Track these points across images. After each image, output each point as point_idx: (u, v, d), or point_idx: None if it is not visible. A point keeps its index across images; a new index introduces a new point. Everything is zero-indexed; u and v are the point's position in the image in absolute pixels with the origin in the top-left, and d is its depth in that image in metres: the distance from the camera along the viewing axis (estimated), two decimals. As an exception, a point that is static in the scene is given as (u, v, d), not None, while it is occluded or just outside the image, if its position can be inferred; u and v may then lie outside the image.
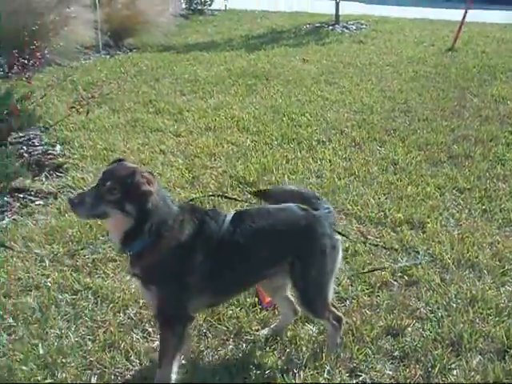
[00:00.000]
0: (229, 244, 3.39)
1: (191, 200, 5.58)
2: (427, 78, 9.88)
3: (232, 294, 3.81)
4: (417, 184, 6.04)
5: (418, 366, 3.60)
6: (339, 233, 3.95)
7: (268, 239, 3.48)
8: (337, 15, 14.95)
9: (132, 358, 3.67)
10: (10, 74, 8.08)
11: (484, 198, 5.79)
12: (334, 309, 3.74)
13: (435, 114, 8.10)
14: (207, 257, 3.34)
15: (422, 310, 4.15)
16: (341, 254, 3.71)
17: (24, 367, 3.55)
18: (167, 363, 3.41)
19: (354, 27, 14.81)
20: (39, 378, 3.49)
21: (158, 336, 3.53)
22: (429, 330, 3.94)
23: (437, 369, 3.55)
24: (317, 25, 15.02)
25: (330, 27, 14.69)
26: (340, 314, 3.74)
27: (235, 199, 5.60)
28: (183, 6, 16.84)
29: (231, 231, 3.40)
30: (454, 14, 14.57)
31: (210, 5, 17.13)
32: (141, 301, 4.22)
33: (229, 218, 3.46)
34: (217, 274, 3.39)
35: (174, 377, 3.43)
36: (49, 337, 3.85)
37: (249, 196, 5.74)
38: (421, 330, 3.95)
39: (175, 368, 3.43)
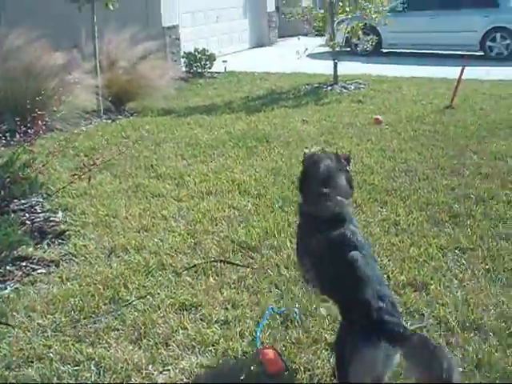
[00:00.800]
0: None
1: (193, 266, 5.61)
2: (426, 137, 9.93)
3: None
4: (419, 245, 6.03)
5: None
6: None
7: None
8: (335, 75, 15.09)
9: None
10: (12, 142, 8.14)
11: (487, 258, 5.77)
12: None
13: (435, 172, 8.12)
14: None
15: (428, 375, 4.11)
16: None
17: None
18: None
19: (353, 87, 14.93)
20: None
21: None
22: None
23: None
24: (315, 85, 15.16)
25: (329, 87, 14.80)
26: None
27: (237, 264, 5.63)
28: (183, 69, 17.02)
29: None
30: (451, 72, 14.72)
31: (209, 67, 17.30)
32: (144, 371, 4.20)
33: None
34: None
35: None
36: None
37: (251, 261, 5.75)
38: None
39: None
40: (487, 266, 5.62)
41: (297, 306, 4.96)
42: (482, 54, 19.98)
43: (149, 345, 4.55)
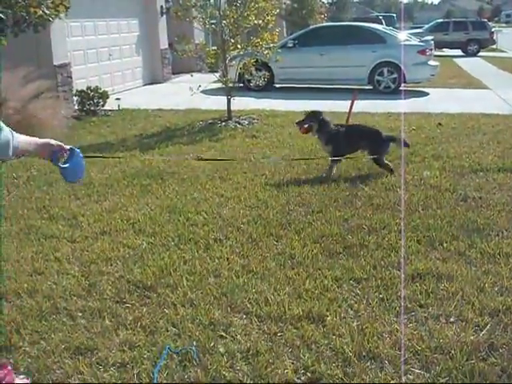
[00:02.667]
0: None
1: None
2: (320, 170, 10.11)
3: None
4: (314, 277, 6.09)
5: None
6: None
7: None
8: (229, 111, 15.22)
9: None
10: None
11: (380, 287, 5.89)
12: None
13: (329, 204, 8.26)
14: None
15: (326, 407, 4.14)
16: None
17: None
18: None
19: (247, 122, 15.07)
20: None
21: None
22: (334, 427, 3.92)
23: None
24: (210, 121, 15.22)
25: (223, 123, 14.90)
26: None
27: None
28: (76, 107, 16.78)
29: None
30: (342, 105, 15.08)
31: (103, 105, 17.11)
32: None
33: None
34: None
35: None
36: None
37: (147, 300, 5.68)
38: (326, 428, 3.93)
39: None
40: (381, 295, 5.73)
41: (194, 344, 4.93)
42: (371, 87, 20.59)
43: (43, 392, 4.42)
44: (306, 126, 10.07)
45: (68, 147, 4.08)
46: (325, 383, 4.41)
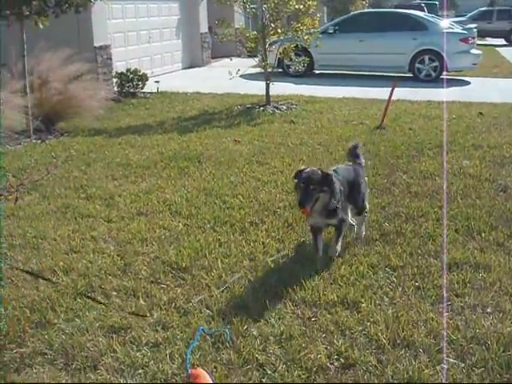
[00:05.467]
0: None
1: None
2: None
3: None
4: (350, 263, 6.05)
5: None
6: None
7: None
8: (267, 96, 15.18)
9: None
10: None
11: (417, 275, 5.83)
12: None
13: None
14: None
15: (359, 393, 4.11)
16: None
17: None
18: (339, 240, 6.12)
19: (285, 107, 15.02)
20: None
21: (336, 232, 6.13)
22: (367, 414, 3.90)
23: None
24: (248, 106, 15.21)
25: (261, 108, 14.87)
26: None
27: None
28: (115, 89, 16.86)
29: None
30: (381, 93, 14.97)
31: (142, 88, 17.18)
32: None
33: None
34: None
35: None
36: None
37: (182, 282, 5.69)
38: (359, 414, 3.91)
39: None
40: (417, 284, 5.67)
41: (228, 326, 4.92)
42: (411, 75, 20.35)
43: (77, 369, 4.44)
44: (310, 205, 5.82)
45: None
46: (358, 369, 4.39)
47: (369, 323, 4.98)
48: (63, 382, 4.27)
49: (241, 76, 15.77)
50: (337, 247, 6.12)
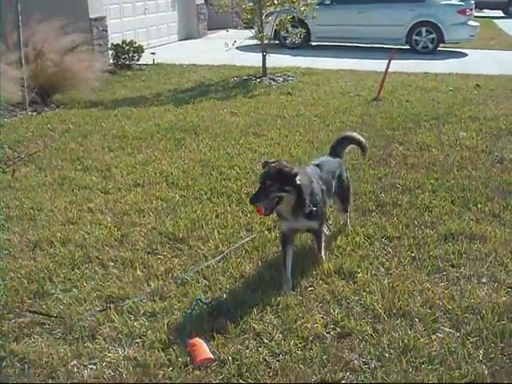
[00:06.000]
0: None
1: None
2: (354, 128, 9.97)
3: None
4: (346, 234, 6.08)
5: (352, 420, 3.59)
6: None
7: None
8: (264, 67, 15.11)
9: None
10: None
11: (413, 246, 5.86)
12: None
13: (362, 162, 8.18)
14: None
15: (355, 361, 4.15)
16: None
17: None
18: (322, 247, 5.50)
19: (282, 79, 14.97)
20: None
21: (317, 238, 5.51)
22: (362, 381, 3.93)
23: (371, 422, 3.54)
24: (244, 77, 15.15)
25: (258, 79, 14.81)
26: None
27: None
28: (111, 61, 16.76)
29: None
30: (378, 65, 14.93)
31: (137, 60, 17.08)
32: (69, 365, 4.12)
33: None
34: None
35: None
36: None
37: (179, 252, 5.72)
38: (355, 382, 3.94)
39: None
40: (413, 254, 5.71)
41: (225, 296, 4.95)
42: (409, 47, 20.26)
43: (74, 338, 4.47)
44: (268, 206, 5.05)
45: None
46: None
47: (365, 293, 5.01)
48: (62, 350, 4.30)
49: (237, 48, 15.73)
50: (322, 255, 5.54)
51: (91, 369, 4.14)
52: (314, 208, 5.16)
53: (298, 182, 4.98)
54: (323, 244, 5.56)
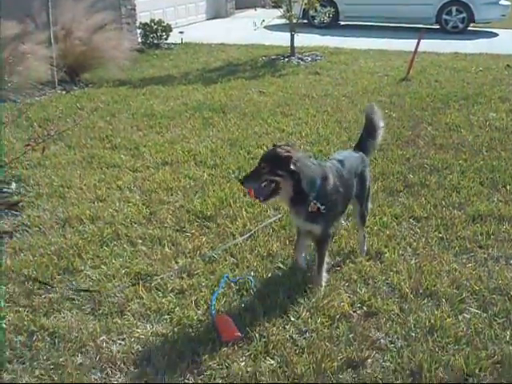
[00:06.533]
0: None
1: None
2: (382, 108, 9.85)
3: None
4: (374, 214, 6.06)
5: (378, 398, 3.61)
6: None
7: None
8: (292, 47, 15.06)
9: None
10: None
11: (440, 226, 5.84)
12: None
13: (391, 143, 8.16)
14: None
15: (381, 340, 4.16)
16: None
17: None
18: (323, 264, 4.80)
19: (310, 59, 14.91)
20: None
21: (318, 251, 4.85)
22: (389, 360, 3.95)
23: (397, 400, 3.55)
24: (273, 57, 15.11)
25: (286, 59, 14.78)
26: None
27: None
28: (139, 40, 16.81)
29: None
30: (407, 45, 14.80)
31: (166, 39, 17.11)
32: (98, 340, 4.18)
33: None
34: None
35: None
36: (3, 380, 3.78)
37: (207, 230, 5.75)
38: (381, 360, 3.96)
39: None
40: (440, 235, 5.69)
41: (252, 274, 4.98)
42: (438, 27, 20.04)
43: (103, 314, 4.53)
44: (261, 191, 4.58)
45: None
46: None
47: (392, 273, 5.02)
48: (91, 326, 4.36)
49: (265, 27, 15.68)
50: (321, 275, 4.86)
51: (120, 344, 4.19)
52: (322, 206, 4.56)
53: (293, 167, 4.41)
54: (325, 263, 4.89)
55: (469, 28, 19.81)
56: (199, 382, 3.77)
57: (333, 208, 4.73)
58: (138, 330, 4.32)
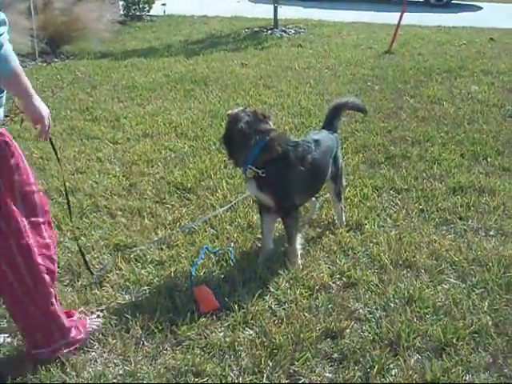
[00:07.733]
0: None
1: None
2: (365, 81, 9.97)
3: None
4: (355, 185, 6.07)
5: (356, 368, 3.60)
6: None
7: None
8: (275, 19, 14.99)
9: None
10: None
11: (421, 198, 5.85)
12: None
13: (373, 115, 8.15)
14: None
15: (360, 311, 4.16)
16: None
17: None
18: (294, 240, 4.66)
19: (293, 31, 14.86)
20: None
21: (284, 227, 4.75)
22: (367, 330, 3.94)
23: (375, 369, 3.54)
24: (255, 29, 15.04)
25: (269, 31, 14.72)
26: None
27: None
28: (121, 11, 16.66)
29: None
30: (391, 17, 14.76)
31: (148, 10, 17.00)
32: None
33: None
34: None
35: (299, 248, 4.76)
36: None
37: (187, 202, 5.73)
38: (359, 331, 3.96)
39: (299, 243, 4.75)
40: (421, 206, 5.70)
41: (232, 245, 4.97)
42: (423, 0, 19.97)
43: (83, 285, 4.50)
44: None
45: None
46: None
47: (371, 244, 5.01)
48: (69, 297, 4.33)
49: (248, -1, 15.60)
50: (294, 248, 4.74)
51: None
52: (258, 171, 4.40)
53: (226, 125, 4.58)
54: (297, 236, 4.78)
55: (453, 1, 19.76)
56: (177, 351, 3.76)
57: (291, 181, 4.54)
58: (117, 301, 4.31)
